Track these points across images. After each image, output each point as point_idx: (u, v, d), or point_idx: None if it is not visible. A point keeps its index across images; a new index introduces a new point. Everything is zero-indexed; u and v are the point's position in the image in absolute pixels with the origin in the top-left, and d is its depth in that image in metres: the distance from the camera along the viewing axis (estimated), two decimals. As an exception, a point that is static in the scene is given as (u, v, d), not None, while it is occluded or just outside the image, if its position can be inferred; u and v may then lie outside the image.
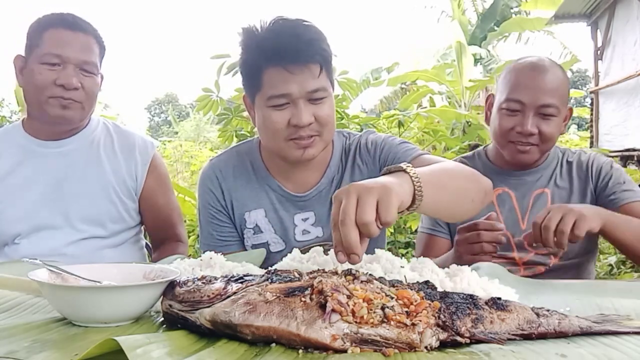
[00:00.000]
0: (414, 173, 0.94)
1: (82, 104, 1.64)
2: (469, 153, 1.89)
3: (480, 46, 11.83)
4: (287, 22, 1.35)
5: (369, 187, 0.86)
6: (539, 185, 1.72)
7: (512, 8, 12.84)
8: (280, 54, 1.30)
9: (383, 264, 0.98)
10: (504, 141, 1.67)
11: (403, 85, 10.48)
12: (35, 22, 1.65)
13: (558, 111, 1.61)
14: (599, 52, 9.31)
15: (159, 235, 1.85)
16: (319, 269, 0.87)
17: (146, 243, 1.95)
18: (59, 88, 1.59)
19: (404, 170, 0.95)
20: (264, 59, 1.32)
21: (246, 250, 1.53)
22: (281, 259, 1.11)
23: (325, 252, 1.05)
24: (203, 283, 0.77)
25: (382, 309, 0.70)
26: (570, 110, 1.71)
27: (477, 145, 3.84)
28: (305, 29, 1.34)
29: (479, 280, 0.96)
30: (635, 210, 1.57)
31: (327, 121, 1.37)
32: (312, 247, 1.12)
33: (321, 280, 0.73)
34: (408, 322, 0.69)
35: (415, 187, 0.93)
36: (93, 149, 1.74)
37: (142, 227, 1.88)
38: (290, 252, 1.12)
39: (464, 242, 1.37)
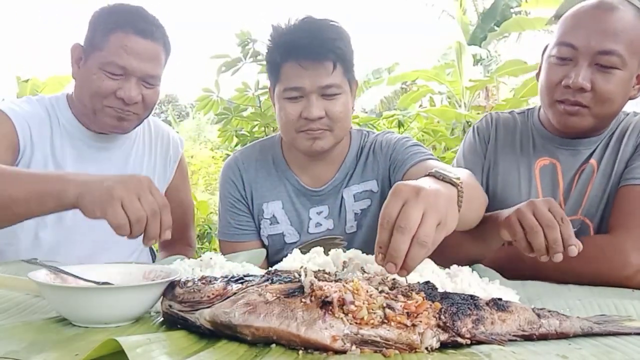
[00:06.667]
0: (462, 192, 0.90)
1: (139, 115, 1.55)
2: (523, 109, 1.56)
3: (480, 46, 11.80)
4: (308, 21, 1.44)
5: (439, 203, 0.81)
6: (589, 157, 1.38)
7: (512, 8, 12.82)
8: (294, 50, 1.40)
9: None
10: (549, 99, 1.33)
11: (403, 85, 10.47)
12: (104, 16, 1.50)
13: (623, 62, 1.24)
14: (598, 51, 9.27)
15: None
16: (319, 270, 0.87)
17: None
18: (118, 101, 1.48)
19: (457, 185, 0.90)
20: (282, 54, 1.43)
21: (262, 240, 1.59)
22: None
23: (326, 252, 1.05)
24: (203, 283, 0.77)
25: (383, 309, 0.70)
26: None
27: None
28: (326, 28, 1.43)
29: (479, 281, 0.96)
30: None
31: (339, 117, 1.43)
32: (323, 239, 1.20)
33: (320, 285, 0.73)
34: (408, 322, 0.69)
35: (459, 204, 0.90)
36: (134, 145, 1.67)
37: None
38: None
39: (518, 223, 1.04)
